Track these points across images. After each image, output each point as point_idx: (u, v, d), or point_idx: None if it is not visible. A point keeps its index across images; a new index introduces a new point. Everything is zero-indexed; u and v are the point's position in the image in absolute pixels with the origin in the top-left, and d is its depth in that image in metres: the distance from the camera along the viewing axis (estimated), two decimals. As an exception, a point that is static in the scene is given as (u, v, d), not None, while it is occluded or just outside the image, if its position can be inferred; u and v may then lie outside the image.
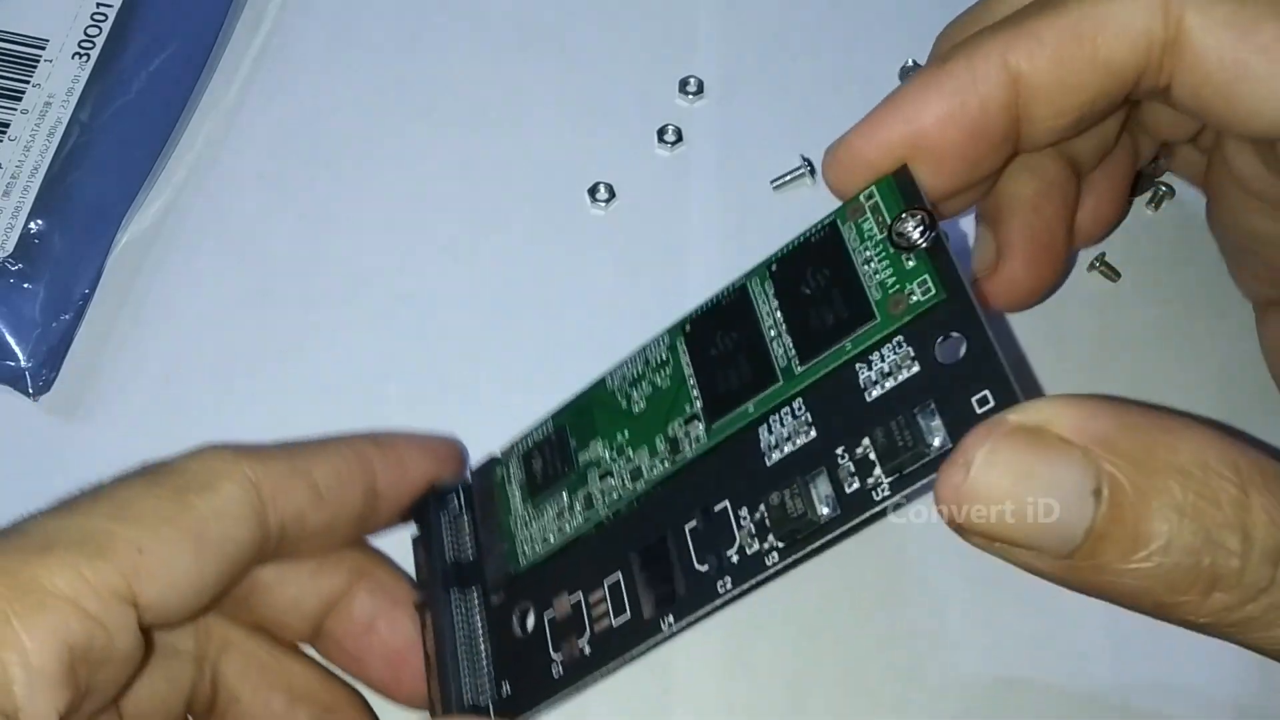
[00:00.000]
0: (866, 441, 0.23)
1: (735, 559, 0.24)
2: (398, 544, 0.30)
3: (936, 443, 0.22)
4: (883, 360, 0.24)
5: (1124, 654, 0.29)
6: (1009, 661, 0.29)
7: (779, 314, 0.26)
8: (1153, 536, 0.20)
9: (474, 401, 0.33)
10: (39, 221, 0.33)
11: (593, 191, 0.35)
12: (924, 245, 0.24)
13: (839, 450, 0.23)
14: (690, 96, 0.37)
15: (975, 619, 0.30)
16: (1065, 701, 0.29)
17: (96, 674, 0.22)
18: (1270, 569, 0.20)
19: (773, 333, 0.26)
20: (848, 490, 0.23)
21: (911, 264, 0.24)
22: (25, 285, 0.33)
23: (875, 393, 0.23)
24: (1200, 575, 0.20)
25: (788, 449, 0.24)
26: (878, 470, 0.23)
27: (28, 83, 0.35)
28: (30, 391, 0.33)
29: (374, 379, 0.33)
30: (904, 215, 0.24)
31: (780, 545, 0.24)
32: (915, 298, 0.23)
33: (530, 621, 0.27)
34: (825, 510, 0.23)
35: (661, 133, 0.36)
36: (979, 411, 0.21)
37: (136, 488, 0.24)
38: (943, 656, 0.30)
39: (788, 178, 0.35)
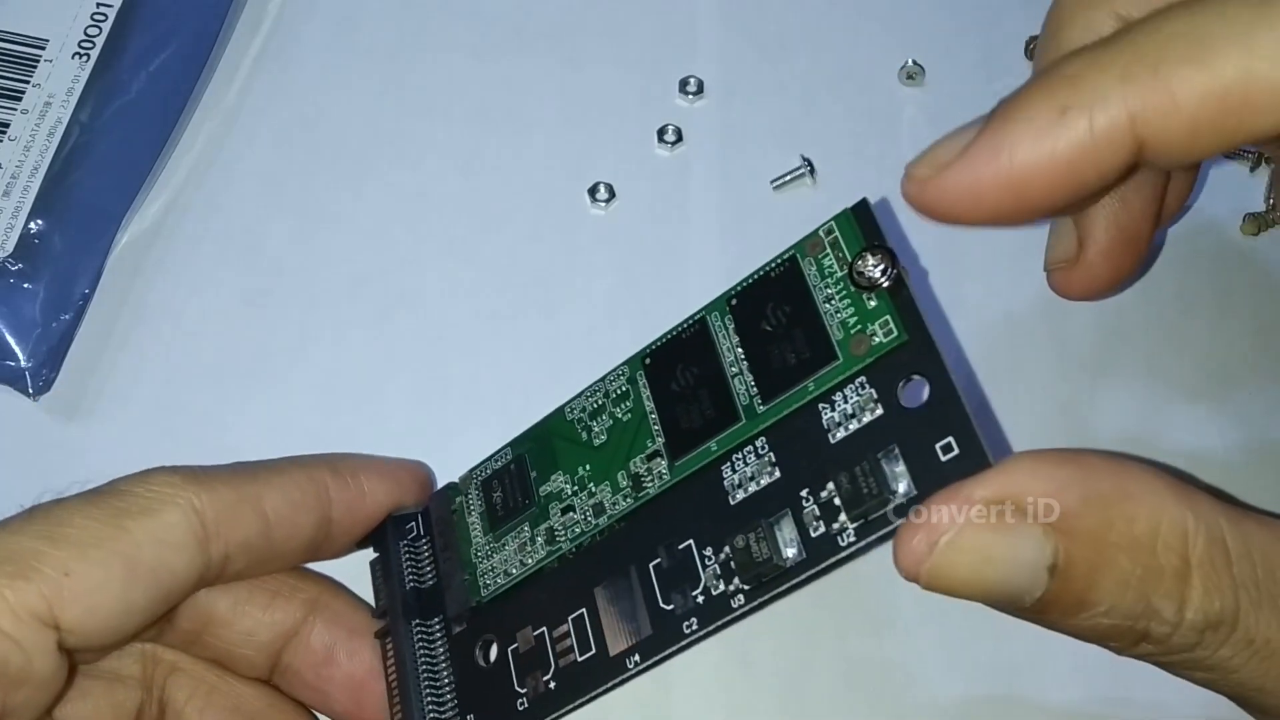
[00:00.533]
0: (831, 486, 0.23)
1: (701, 600, 0.24)
2: (355, 566, 0.29)
3: (901, 489, 0.22)
4: (846, 401, 0.24)
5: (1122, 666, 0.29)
6: (1009, 666, 0.29)
7: (740, 350, 0.26)
8: (1096, 603, 0.21)
9: (474, 401, 0.33)
10: (39, 221, 0.33)
11: (593, 191, 0.35)
12: (885, 285, 0.24)
13: (803, 493, 0.23)
14: (690, 96, 0.37)
15: (976, 620, 0.30)
16: (1064, 711, 0.29)
17: (13, 694, 0.22)
18: (1197, 636, 0.21)
19: (734, 369, 0.26)
20: (813, 534, 0.23)
21: (873, 304, 0.24)
22: (25, 285, 0.33)
23: (839, 434, 0.23)
24: (1133, 633, 0.21)
25: (752, 488, 0.24)
26: (843, 516, 0.23)
27: (28, 83, 0.35)
28: (30, 391, 0.32)
29: (373, 379, 0.33)
30: (864, 253, 0.24)
31: (746, 588, 0.24)
32: (877, 339, 0.23)
33: (493, 653, 0.27)
34: (791, 554, 0.23)
35: (661, 133, 0.36)
36: (944, 460, 0.22)
37: (73, 508, 0.24)
38: (941, 657, 0.30)
39: (788, 178, 0.35)
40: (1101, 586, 0.21)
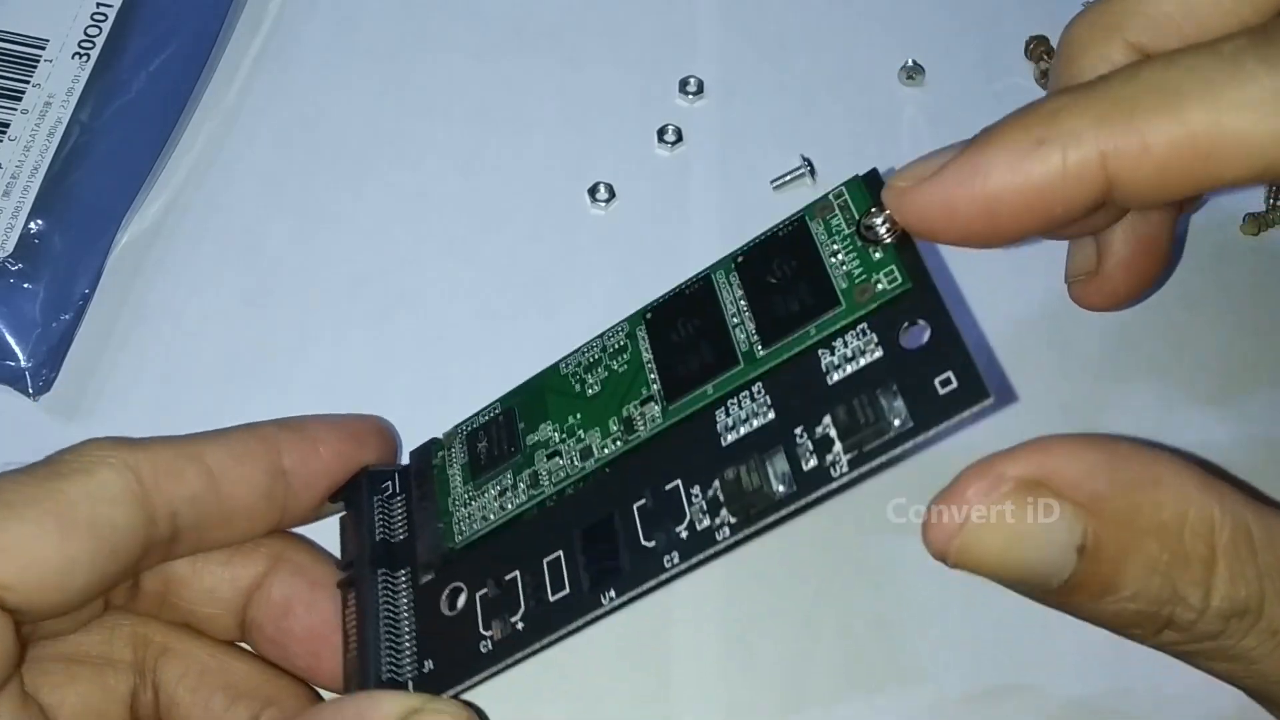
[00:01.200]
0: (827, 419, 0.23)
1: (684, 535, 0.24)
2: (329, 531, 0.29)
3: (897, 422, 0.22)
4: (846, 346, 0.24)
5: (1125, 659, 0.29)
6: (1012, 660, 0.29)
7: (743, 301, 0.26)
8: (1123, 587, 0.21)
9: (474, 401, 0.33)
10: (39, 221, 0.33)
11: (593, 191, 0.35)
12: (891, 241, 0.24)
13: (797, 430, 0.24)
14: (690, 96, 0.37)
15: (979, 615, 0.30)
16: (1067, 706, 0.29)
17: None
18: (1222, 624, 0.21)
19: (735, 319, 0.26)
20: (805, 468, 0.23)
21: (879, 256, 0.24)
22: (25, 285, 0.33)
23: (837, 376, 0.24)
24: (1158, 620, 0.21)
25: (744, 430, 0.24)
26: (837, 447, 0.23)
27: (28, 83, 0.35)
28: (30, 391, 0.32)
29: (373, 379, 0.33)
30: (873, 210, 0.25)
31: (733, 520, 0.24)
32: (881, 286, 0.24)
33: (461, 601, 0.27)
34: (781, 487, 0.23)
35: (661, 133, 0.36)
36: (942, 393, 0.22)
37: (5, 477, 0.24)
38: (944, 653, 0.30)
39: (788, 178, 0.35)
40: (1129, 570, 0.21)
